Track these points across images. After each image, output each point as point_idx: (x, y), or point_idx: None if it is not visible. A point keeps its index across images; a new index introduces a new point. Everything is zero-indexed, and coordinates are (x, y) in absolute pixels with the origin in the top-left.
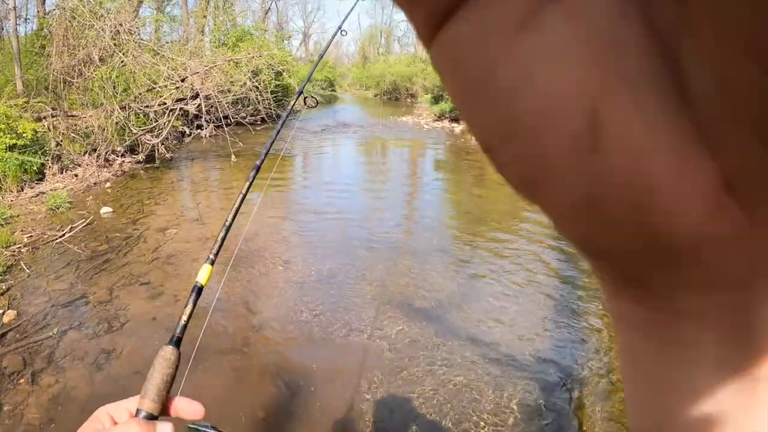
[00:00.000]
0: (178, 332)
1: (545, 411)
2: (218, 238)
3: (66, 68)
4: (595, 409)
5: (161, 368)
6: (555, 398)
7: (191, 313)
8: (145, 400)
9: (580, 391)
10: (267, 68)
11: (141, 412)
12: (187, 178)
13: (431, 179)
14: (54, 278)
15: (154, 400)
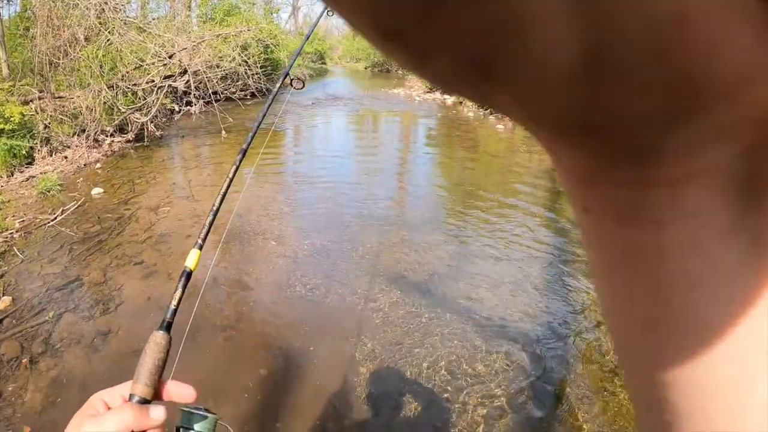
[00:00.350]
0: (168, 317)
1: (537, 381)
2: (206, 222)
3: (51, 49)
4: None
5: (152, 353)
6: (548, 369)
7: (180, 297)
8: (137, 385)
9: (571, 360)
10: (255, 42)
11: (134, 397)
12: (178, 155)
13: (423, 151)
14: (47, 262)
15: (147, 385)
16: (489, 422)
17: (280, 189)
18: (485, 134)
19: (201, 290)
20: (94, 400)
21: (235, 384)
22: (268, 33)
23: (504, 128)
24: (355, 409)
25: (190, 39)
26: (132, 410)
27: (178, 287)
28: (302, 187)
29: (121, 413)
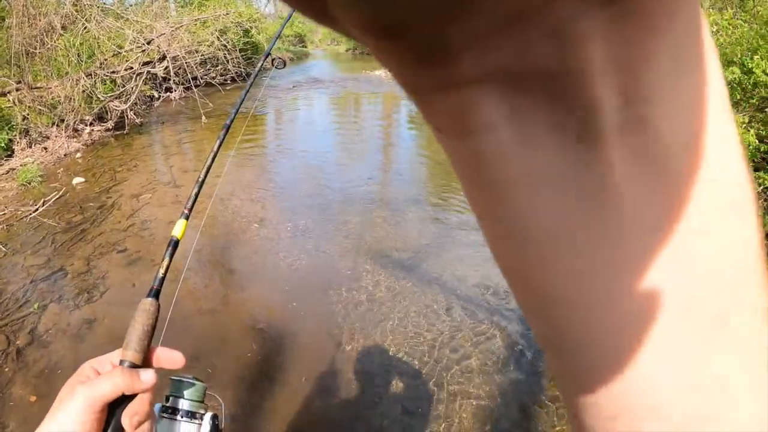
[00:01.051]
0: (156, 285)
1: (521, 358)
2: (192, 194)
3: (28, 39)
4: None
5: (142, 319)
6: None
7: (168, 266)
8: (127, 351)
9: None
10: (235, 26)
11: (124, 362)
12: (159, 142)
13: (406, 131)
14: (30, 254)
15: (137, 350)
16: (469, 395)
17: (262, 172)
18: None
19: (182, 273)
20: (85, 367)
21: (222, 362)
22: (248, 17)
23: None
24: (342, 386)
25: (168, 24)
26: (123, 374)
27: (165, 256)
28: (284, 169)
29: (112, 377)
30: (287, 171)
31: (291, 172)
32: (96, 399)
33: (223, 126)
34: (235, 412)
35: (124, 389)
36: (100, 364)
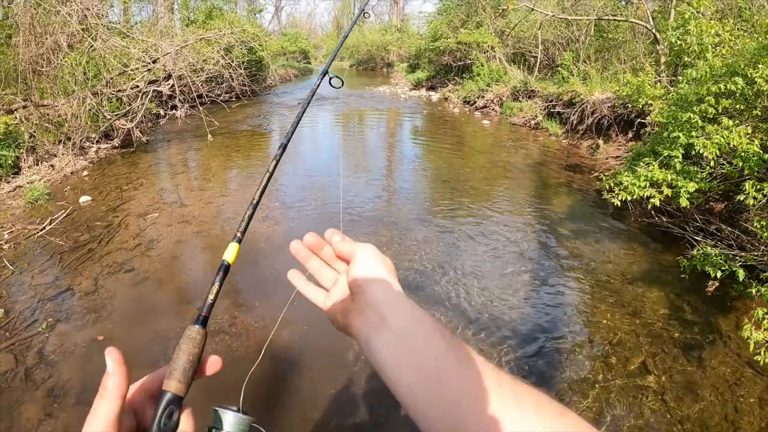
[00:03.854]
0: (205, 311)
1: (529, 375)
2: (245, 216)
3: (34, 57)
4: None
5: (187, 348)
6: (535, 358)
7: (218, 291)
8: (171, 381)
9: (558, 352)
10: (239, 44)
11: (167, 393)
12: (165, 160)
13: (410, 149)
14: (38, 272)
15: (180, 381)
16: None
17: (268, 190)
18: (471, 130)
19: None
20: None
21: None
22: (252, 35)
23: (490, 123)
24: (351, 406)
25: (173, 43)
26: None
27: (215, 281)
28: (290, 188)
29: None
30: (293, 190)
31: (297, 191)
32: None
33: (280, 146)
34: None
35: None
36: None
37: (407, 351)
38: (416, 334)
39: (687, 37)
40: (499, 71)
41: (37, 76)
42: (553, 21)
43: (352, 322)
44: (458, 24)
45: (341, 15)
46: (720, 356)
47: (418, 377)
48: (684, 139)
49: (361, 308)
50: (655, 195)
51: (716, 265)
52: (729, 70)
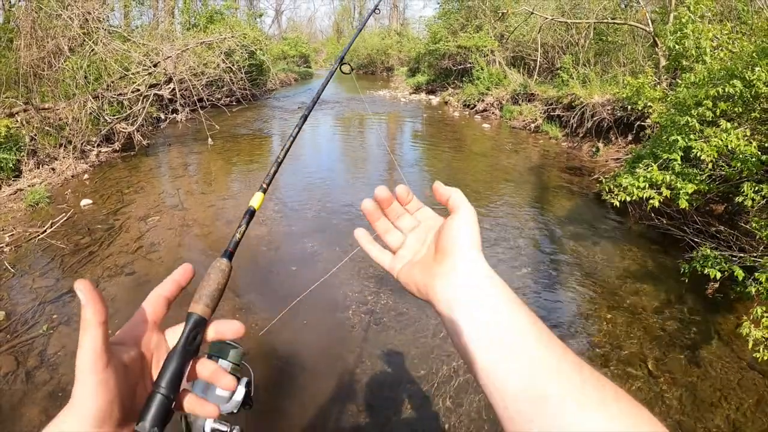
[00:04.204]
0: (231, 247)
1: None
2: (270, 171)
3: (36, 61)
4: None
5: (216, 277)
6: None
7: (244, 231)
8: (198, 304)
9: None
10: (240, 48)
11: (193, 315)
12: (165, 164)
13: (409, 153)
14: (39, 275)
15: (207, 305)
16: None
17: (269, 194)
18: (471, 133)
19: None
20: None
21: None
22: (252, 39)
23: (490, 127)
24: (350, 407)
25: (174, 47)
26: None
27: (242, 223)
28: (290, 192)
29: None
30: (294, 194)
31: (298, 194)
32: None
33: (301, 116)
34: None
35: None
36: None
37: (492, 320)
38: (501, 305)
39: (685, 40)
40: (499, 75)
41: (38, 80)
42: (552, 24)
43: (437, 284)
44: (458, 28)
45: (341, 19)
46: (721, 358)
47: (500, 349)
48: (682, 142)
49: (449, 271)
50: (655, 196)
51: (716, 266)
52: (727, 73)
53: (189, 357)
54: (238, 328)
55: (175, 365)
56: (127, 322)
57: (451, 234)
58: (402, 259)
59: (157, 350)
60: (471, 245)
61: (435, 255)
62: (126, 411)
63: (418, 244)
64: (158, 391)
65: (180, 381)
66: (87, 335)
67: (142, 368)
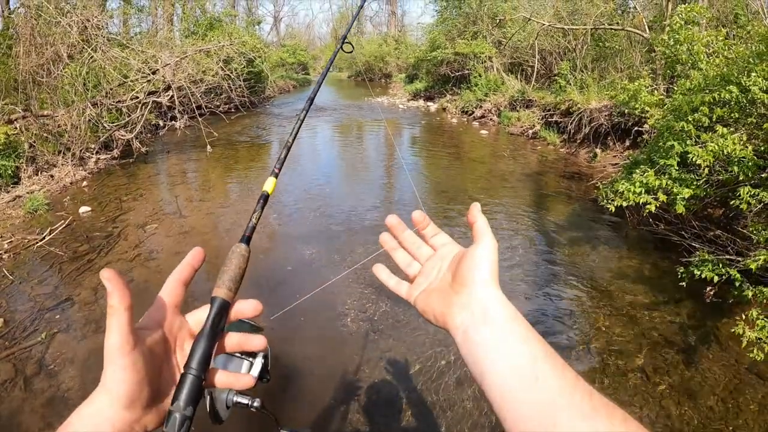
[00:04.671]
0: (248, 232)
1: None
2: (281, 156)
3: (35, 67)
4: None
5: (237, 261)
6: None
7: (259, 216)
8: (221, 288)
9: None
10: (238, 56)
11: (217, 299)
12: (164, 171)
13: (408, 159)
14: (38, 283)
15: (230, 289)
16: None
17: (269, 202)
18: (469, 140)
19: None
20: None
21: None
22: (251, 46)
23: (488, 133)
24: (348, 414)
25: (173, 54)
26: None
27: (257, 208)
28: (289, 199)
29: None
30: (292, 201)
31: (296, 201)
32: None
33: (307, 99)
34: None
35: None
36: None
37: (506, 350)
38: (515, 335)
39: (678, 46)
40: (497, 81)
41: (37, 87)
42: (550, 31)
43: (455, 314)
44: (456, 34)
45: (339, 26)
46: (719, 362)
47: (514, 376)
48: (679, 147)
49: (467, 302)
50: (651, 201)
51: (713, 270)
52: (723, 79)
53: (216, 339)
54: (256, 305)
55: (204, 347)
56: (149, 309)
57: (470, 265)
58: (419, 287)
59: (180, 333)
60: (489, 278)
61: (452, 283)
62: (153, 392)
63: (435, 271)
64: (190, 372)
65: (209, 361)
66: (114, 320)
67: (166, 351)
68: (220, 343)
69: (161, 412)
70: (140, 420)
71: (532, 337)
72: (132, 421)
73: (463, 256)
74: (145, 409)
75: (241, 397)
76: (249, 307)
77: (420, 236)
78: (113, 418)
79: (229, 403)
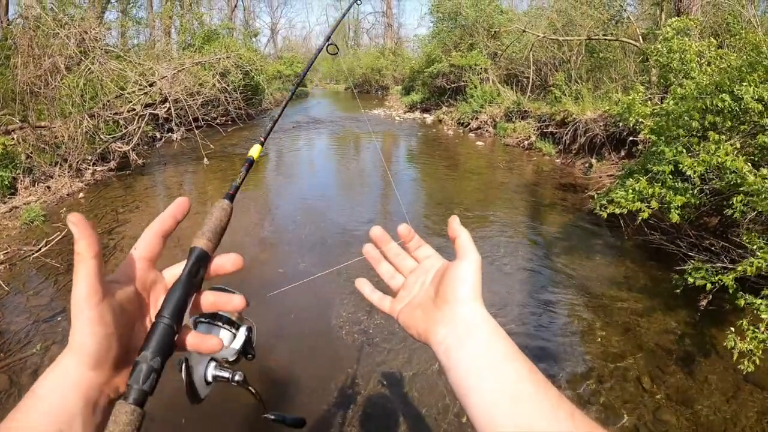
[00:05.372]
0: (232, 191)
1: None
2: (267, 128)
3: (32, 79)
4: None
5: (219, 215)
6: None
7: (244, 177)
8: (201, 239)
9: (552, 371)
10: (235, 69)
11: (196, 249)
12: (161, 183)
13: (404, 171)
14: (33, 294)
15: (210, 240)
16: None
17: (263, 214)
18: (465, 151)
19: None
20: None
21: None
22: (248, 59)
23: (484, 144)
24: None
25: (170, 67)
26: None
27: (243, 170)
28: (285, 211)
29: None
30: (288, 213)
31: (292, 214)
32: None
33: (293, 83)
34: None
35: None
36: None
37: (488, 368)
38: (497, 353)
39: (671, 55)
40: (493, 93)
41: (35, 98)
42: (544, 42)
43: (437, 331)
44: (451, 47)
45: (336, 39)
46: (716, 370)
47: (495, 395)
48: (670, 154)
49: (450, 319)
50: (644, 209)
51: (706, 278)
52: (716, 88)
53: (192, 289)
54: (236, 259)
55: (178, 295)
56: (123, 262)
57: (454, 281)
58: (402, 301)
59: (154, 288)
60: (472, 294)
61: (435, 299)
62: (124, 350)
63: (418, 284)
64: (161, 321)
65: (183, 312)
66: (81, 268)
67: (140, 307)
68: (195, 299)
69: None
70: (110, 382)
71: (514, 356)
72: (101, 382)
73: (446, 271)
74: (114, 369)
75: (221, 370)
76: (228, 261)
77: (404, 249)
78: (79, 379)
79: (208, 378)
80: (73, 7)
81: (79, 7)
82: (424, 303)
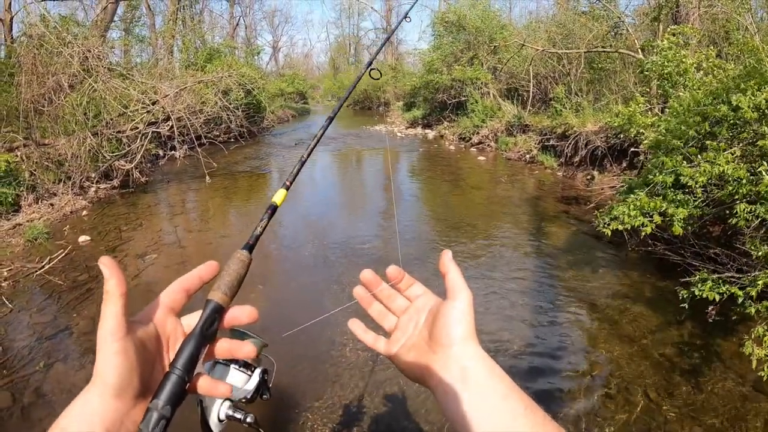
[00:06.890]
0: (252, 241)
1: None
2: (294, 170)
3: (36, 96)
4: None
5: (236, 267)
6: (535, 392)
7: (265, 226)
8: (217, 292)
9: (558, 386)
10: (237, 87)
11: (211, 302)
12: (164, 201)
13: (407, 188)
14: (36, 311)
15: (226, 294)
16: None
17: (266, 231)
18: (467, 166)
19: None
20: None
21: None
22: (249, 78)
23: (485, 159)
24: None
25: (173, 85)
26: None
27: (264, 218)
28: (288, 229)
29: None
30: (291, 230)
31: (295, 231)
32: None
33: (327, 118)
34: None
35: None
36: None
37: (486, 408)
38: (493, 395)
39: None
40: (493, 107)
41: (39, 116)
42: (544, 55)
43: (433, 374)
44: (452, 60)
45: (337, 55)
46: (724, 381)
47: None
48: (670, 164)
49: (445, 362)
50: (647, 224)
51: (714, 289)
52: (714, 98)
53: (205, 341)
54: (251, 312)
55: (191, 348)
56: (146, 306)
57: (447, 323)
58: (397, 342)
59: (174, 334)
60: (466, 336)
61: (429, 342)
62: (144, 385)
63: (411, 325)
64: (173, 372)
65: (195, 363)
66: (109, 304)
67: (158, 348)
68: (210, 348)
69: None
70: (129, 412)
71: (512, 393)
72: (122, 412)
73: (439, 312)
74: (135, 399)
75: (234, 410)
76: (244, 313)
77: (395, 289)
78: (102, 410)
79: (221, 416)
80: (76, 26)
81: (82, 26)
82: (418, 345)
